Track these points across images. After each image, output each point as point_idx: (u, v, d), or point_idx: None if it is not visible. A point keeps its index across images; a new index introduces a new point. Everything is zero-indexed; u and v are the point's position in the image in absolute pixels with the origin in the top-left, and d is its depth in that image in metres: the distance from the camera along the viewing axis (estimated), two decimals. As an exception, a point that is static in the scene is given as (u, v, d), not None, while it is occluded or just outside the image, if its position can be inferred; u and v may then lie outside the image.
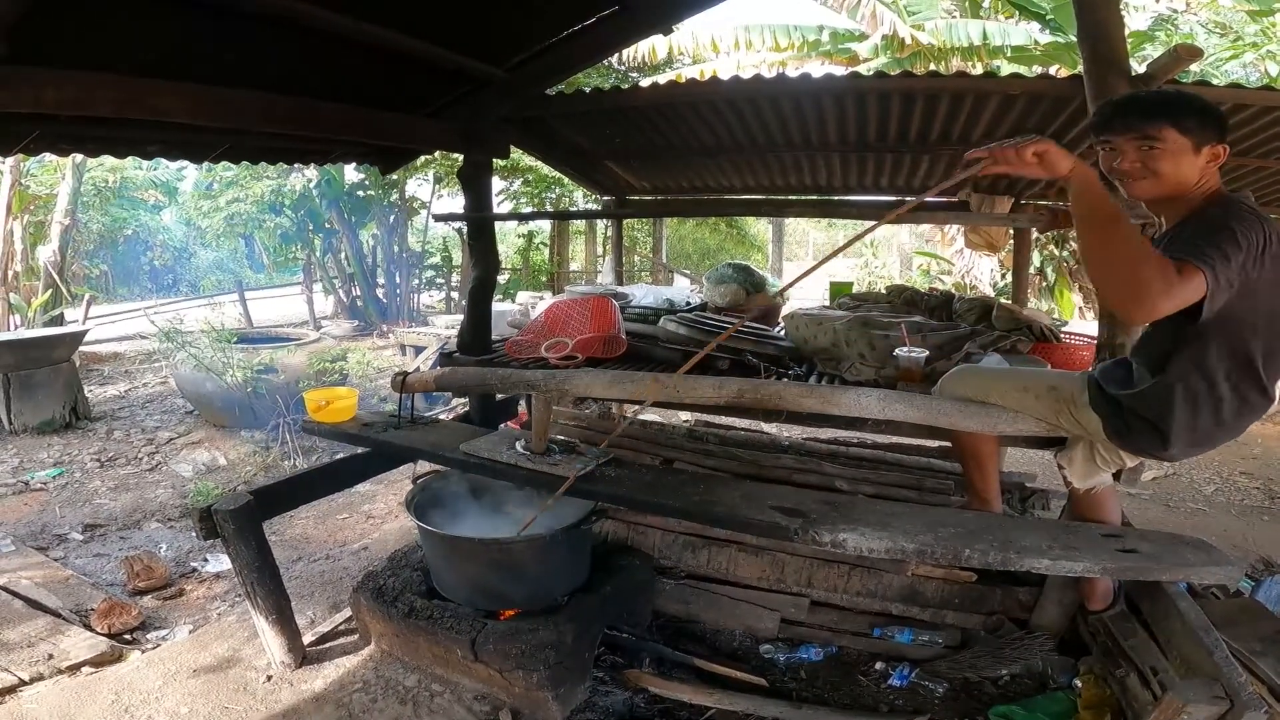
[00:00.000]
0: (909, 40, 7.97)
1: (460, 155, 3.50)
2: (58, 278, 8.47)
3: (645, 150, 4.25)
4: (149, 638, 2.96)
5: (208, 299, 9.96)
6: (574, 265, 14.81)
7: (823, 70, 4.79)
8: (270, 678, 2.48)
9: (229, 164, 9.38)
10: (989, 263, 9.67)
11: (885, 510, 2.00)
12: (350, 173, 11.69)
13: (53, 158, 9.84)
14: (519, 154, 8.36)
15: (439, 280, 14.24)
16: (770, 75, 3.27)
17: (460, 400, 5.65)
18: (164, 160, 3.30)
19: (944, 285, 9.85)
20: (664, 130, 3.81)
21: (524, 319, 4.00)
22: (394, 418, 2.71)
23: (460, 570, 2.48)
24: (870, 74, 3.28)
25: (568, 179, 7.99)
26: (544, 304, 3.82)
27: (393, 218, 12.60)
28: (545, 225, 15.04)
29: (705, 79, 3.30)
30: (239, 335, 6.89)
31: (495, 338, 3.55)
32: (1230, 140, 1.77)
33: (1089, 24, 2.39)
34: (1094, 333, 2.88)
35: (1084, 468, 2.05)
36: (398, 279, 12.71)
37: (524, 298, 9.95)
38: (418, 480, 2.68)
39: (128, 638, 2.91)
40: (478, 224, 3.52)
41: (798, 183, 4.69)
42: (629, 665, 2.46)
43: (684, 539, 2.93)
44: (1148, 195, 1.72)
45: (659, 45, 9.29)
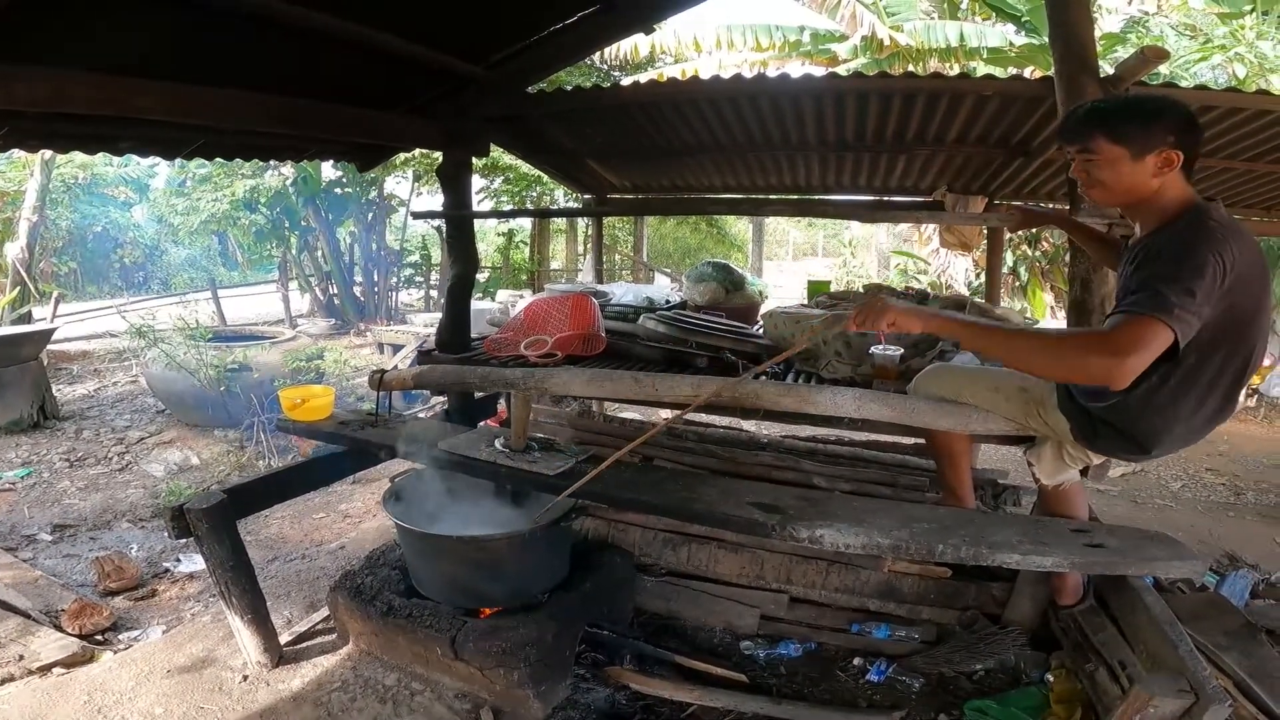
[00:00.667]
0: (888, 41, 8.06)
1: (440, 153, 3.48)
2: (25, 275, 8.30)
3: (627, 149, 4.26)
4: (121, 638, 2.91)
5: (180, 296, 9.78)
6: (555, 264, 14.80)
7: (802, 70, 4.83)
8: (246, 678, 2.45)
9: (203, 161, 9.23)
10: (964, 262, 9.81)
11: (861, 506, 2.02)
12: (327, 170, 11.55)
13: (21, 154, 9.66)
14: (499, 152, 8.33)
15: (417, 278, 14.13)
16: (751, 75, 3.29)
17: (439, 399, 5.62)
18: (136, 157, 3.24)
19: (920, 284, 9.97)
20: (646, 129, 3.81)
21: (503, 317, 3.99)
22: (371, 416, 2.70)
23: (439, 568, 2.46)
24: (849, 74, 3.31)
25: (548, 177, 7.98)
26: (524, 302, 3.81)
27: (371, 215, 12.46)
28: (526, 224, 15.03)
29: (687, 78, 3.31)
30: (212, 333, 6.77)
31: (474, 336, 3.54)
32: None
33: (1060, 25, 2.44)
34: (1065, 331, 2.95)
35: (1052, 465, 2.09)
36: (375, 277, 12.58)
37: (504, 296, 9.92)
38: (396, 479, 2.66)
39: (99, 638, 2.86)
40: (457, 221, 3.50)
41: (777, 182, 4.73)
42: (610, 662, 2.46)
43: (664, 536, 2.94)
44: (1103, 203, 1.71)
45: (641, 44, 9.33)
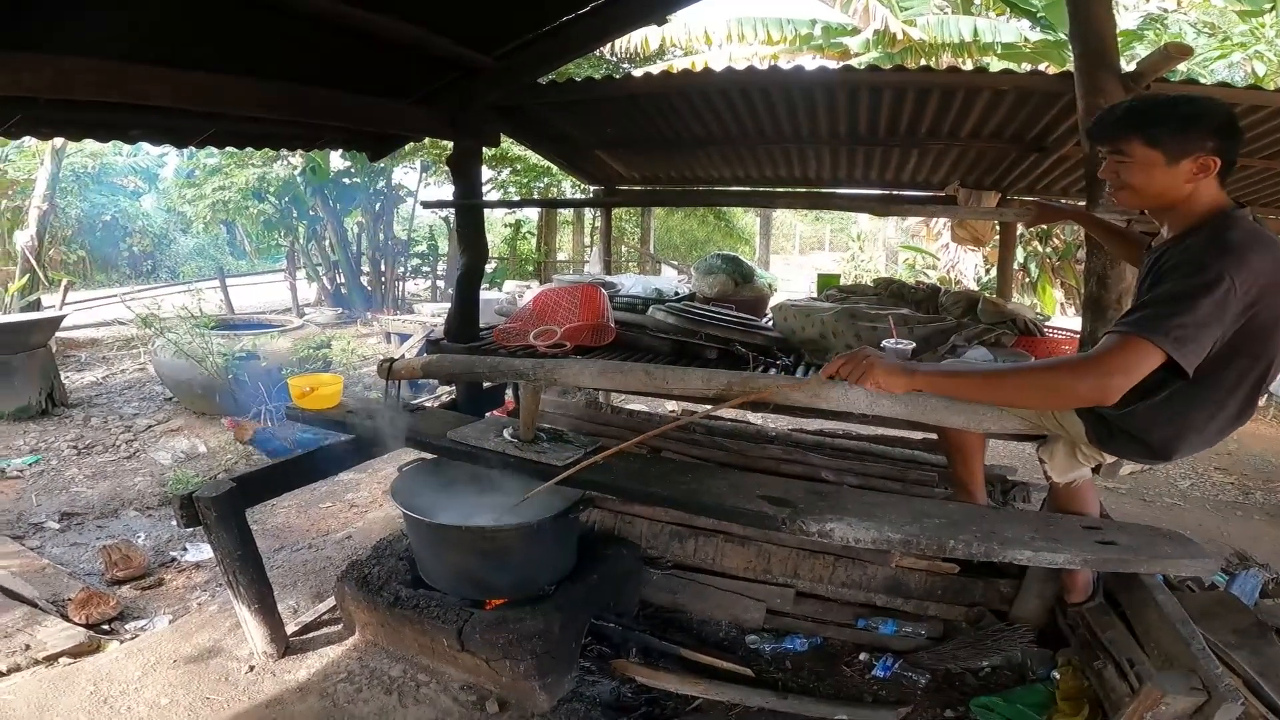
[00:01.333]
0: (900, 36, 7.99)
1: (449, 142, 3.47)
2: (35, 263, 8.33)
3: (636, 140, 4.24)
4: (127, 628, 2.91)
5: (188, 285, 9.81)
6: (561, 255, 14.78)
7: (815, 63, 4.79)
8: (253, 668, 2.46)
9: (213, 150, 9.26)
10: (973, 258, 9.77)
11: (871, 501, 2.01)
12: (336, 160, 11.55)
13: (32, 143, 9.68)
14: (509, 143, 8.30)
15: (425, 268, 14.14)
16: (763, 68, 3.27)
17: (446, 389, 5.62)
18: (147, 145, 3.24)
19: (929, 279, 9.92)
20: (655, 121, 3.79)
21: (511, 307, 3.98)
22: (379, 405, 2.69)
23: (446, 559, 2.46)
24: (863, 67, 3.29)
25: (556, 168, 7.95)
26: (532, 292, 3.80)
27: (379, 205, 12.47)
28: (533, 215, 15.00)
29: (697, 70, 3.28)
30: (220, 321, 6.79)
31: (482, 326, 3.53)
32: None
33: (1080, 20, 2.41)
34: (1076, 327, 2.93)
35: (1065, 463, 2.07)
36: (383, 266, 12.60)
37: (510, 287, 9.92)
38: (403, 468, 2.66)
39: (106, 628, 2.86)
40: (467, 211, 3.49)
41: (787, 175, 4.71)
42: (616, 655, 2.46)
43: (671, 528, 2.93)
44: (1131, 206, 1.66)
45: (651, 37, 9.28)
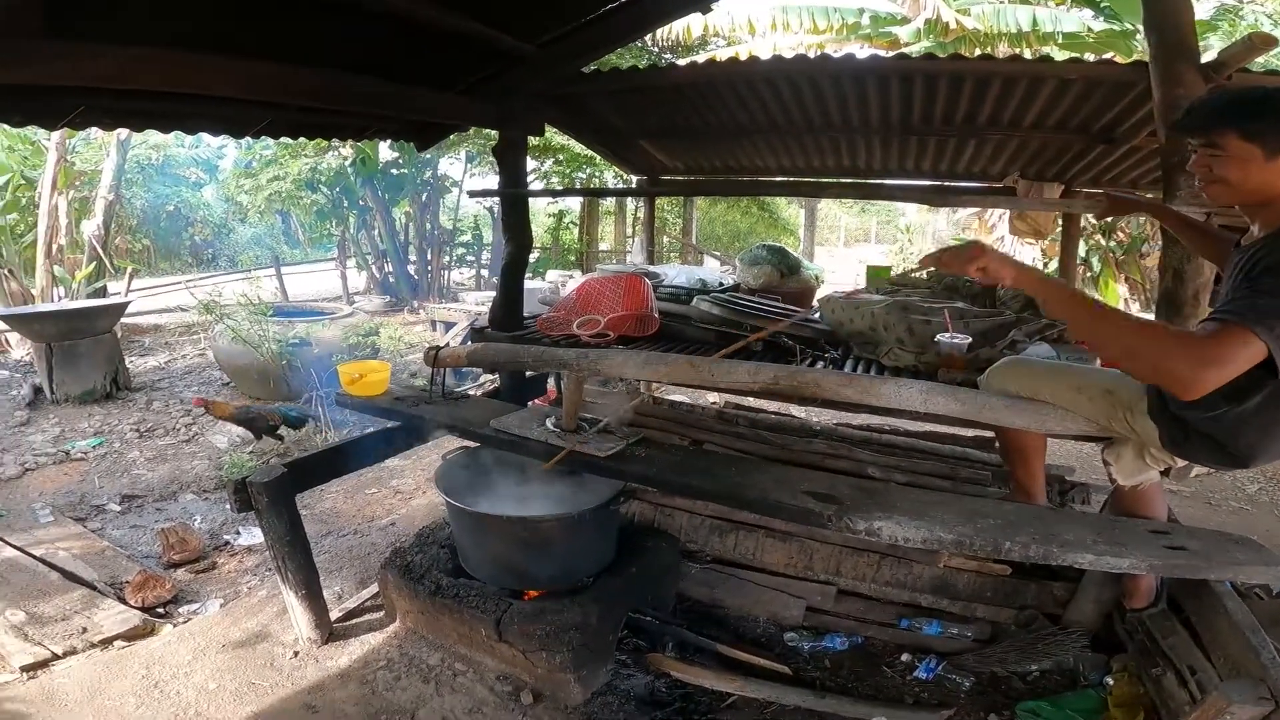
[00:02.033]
0: (953, 25, 7.71)
1: (495, 132, 3.48)
2: (101, 251, 8.64)
3: (680, 130, 4.20)
4: (180, 611, 3.01)
5: (245, 273, 10.12)
6: (603, 245, 14.78)
7: (864, 53, 4.68)
8: (297, 654, 2.51)
9: (268, 142, 9.49)
10: (1031, 251, 9.45)
11: (921, 499, 1.95)
12: (385, 151, 11.75)
13: (98, 135, 10.05)
14: (552, 133, 8.33)
15: (469, 258, 14.29)
16: (812, 56, 3.19)
17: (489, 377, 5.68)
18: (206, 136, 3.32)
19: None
20: (699, 110, 3.74)
21: (554, 296, 3.99)
22: (425, 392, 2.72)
23: (487, 548, 2.48)
24: (918, 55, 3.19)
25: (599, 158, 7.94)
26: (575, 281, 3.80)
27: (425, 195, 12.66)
28: (575, 205, 15.01)
29: (742, 59, 3.22)
30: (275, 308, 6.97)
31: (526, 314, 3.54)
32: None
33: (1157, 11, 2.31)
34: (1143, 323, 2.78)
35: (1133, 466, 1.97)
36: (429, 256, 12.79)
37: (553, 276, 9.97)
38: (447, 456, 2.68)
39: (160, 611, 2.96)
40: (512, 200, 3.50)
41: (835, 165, 4.60)
42: (651, 649, 2.45)
43: (711, 522, 2.90)
44: (1222, 201, 1.56)
45: (694, 25, 9.16)
